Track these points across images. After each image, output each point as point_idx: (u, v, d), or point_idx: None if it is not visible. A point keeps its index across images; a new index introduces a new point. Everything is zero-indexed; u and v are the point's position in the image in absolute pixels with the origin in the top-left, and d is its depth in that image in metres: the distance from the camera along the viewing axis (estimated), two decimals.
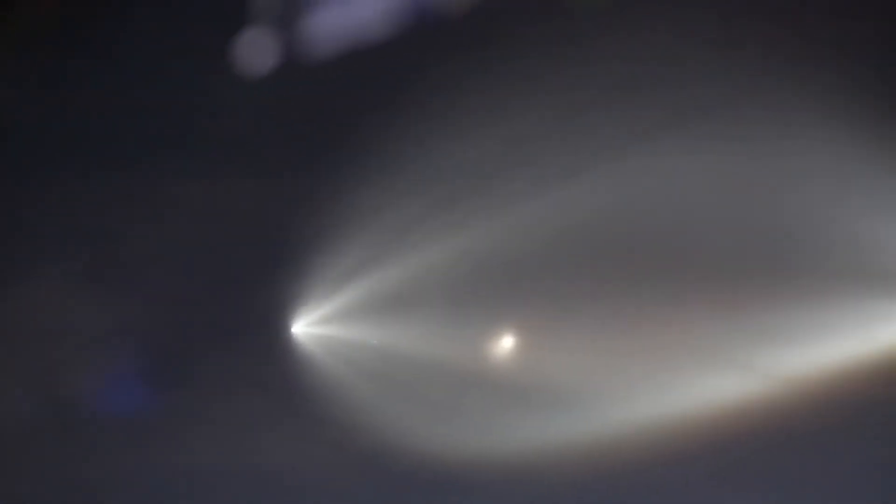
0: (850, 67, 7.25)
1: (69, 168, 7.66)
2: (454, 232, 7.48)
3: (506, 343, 7.65)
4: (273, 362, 7.48)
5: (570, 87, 7.44)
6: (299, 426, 7.48)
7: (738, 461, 7.59)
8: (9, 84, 7.58)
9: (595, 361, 7.58)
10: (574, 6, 7.48)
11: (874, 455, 7.44)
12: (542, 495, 7.53)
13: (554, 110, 7.48)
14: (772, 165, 7.39)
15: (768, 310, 7.49)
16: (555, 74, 7.43)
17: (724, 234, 7.50)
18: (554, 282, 7.58)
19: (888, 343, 7.45)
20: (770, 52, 7.36)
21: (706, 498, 7.57)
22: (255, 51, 7.56)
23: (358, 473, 7.51)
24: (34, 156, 7.67)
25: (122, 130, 7.69)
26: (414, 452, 7.43)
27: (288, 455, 7.52)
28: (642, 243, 7.51)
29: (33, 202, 7.62)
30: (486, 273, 7.56)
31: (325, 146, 7.64)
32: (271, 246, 7.58)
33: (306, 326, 7.46)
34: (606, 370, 7.59)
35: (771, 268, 7.48)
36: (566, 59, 7.40)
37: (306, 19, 7.52)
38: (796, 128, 7.26)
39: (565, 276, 7.57)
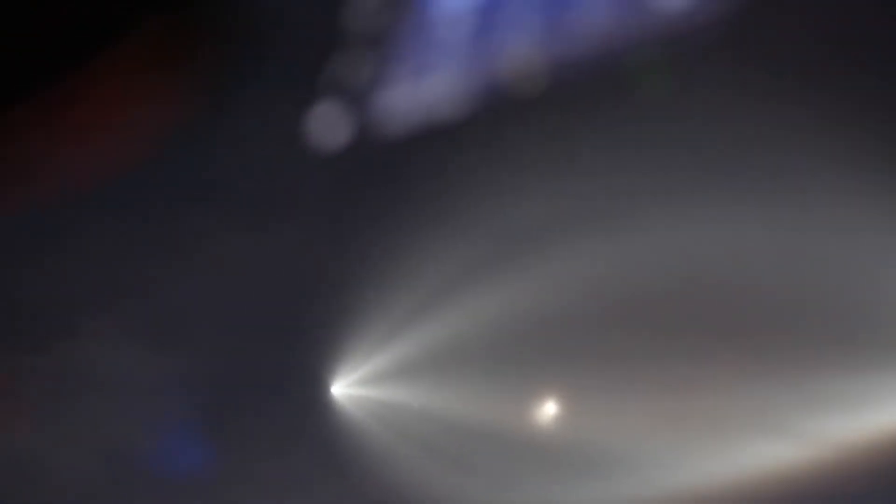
0: None
1: (112, 220, 7.61)
2: (497, 291, 7.35)
3: (550, 406, 7.53)
4: (313, 424, 7.42)
5: (613, 142, 7.27)
6: (339, 489, 7.44)
7: None
8: None
9: (639, 425, 7.45)
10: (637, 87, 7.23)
11: None
12: None
13: (597, 165, 7.31)
14: (825, 226, 7.17)
15: (818, 376, 7.32)
16: (600, 132, 7.27)
17: (773, 298, 7.32)
18: (599, 343, 7.44)
19: None
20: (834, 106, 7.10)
21: None
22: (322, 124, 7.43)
23: None
24: (76, 207, 7.63)
25: (166, 183, 7.64)
26: None
27: None
28: (688, 306, 7.34)
29: (77, 255, 7.60)
30: (531, 333, 7.43)
31: (368, 203, 7.54)
32: (312, 303, 7.51)
33: (346, 387, 7.39)
34: (650, 434, 7.46)
35: (820, 333, 7.30)
36: (615, 119, 7.23)
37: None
38: (854, 185, 7.02)
39: (610, 338, 7.42)
